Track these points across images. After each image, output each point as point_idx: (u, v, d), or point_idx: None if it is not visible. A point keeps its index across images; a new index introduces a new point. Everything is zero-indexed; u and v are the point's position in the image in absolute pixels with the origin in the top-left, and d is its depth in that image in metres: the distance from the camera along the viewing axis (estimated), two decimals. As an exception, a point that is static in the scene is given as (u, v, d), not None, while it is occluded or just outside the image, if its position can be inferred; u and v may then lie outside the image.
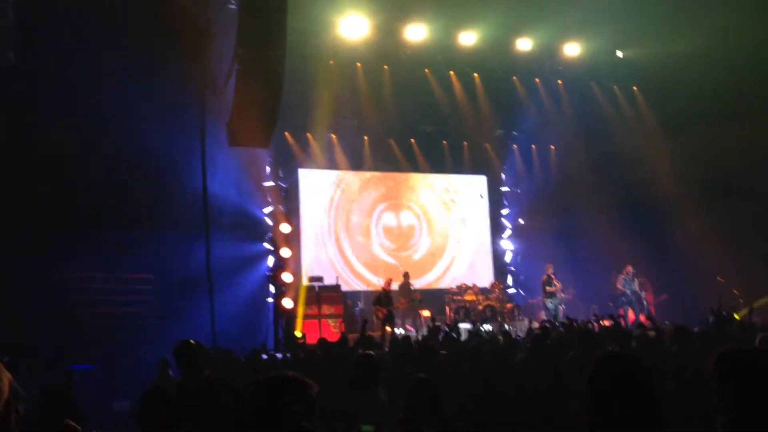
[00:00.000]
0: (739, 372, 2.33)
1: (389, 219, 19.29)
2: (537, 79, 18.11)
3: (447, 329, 10.35)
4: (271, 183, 17.31)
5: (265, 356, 8.58)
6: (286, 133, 17.30)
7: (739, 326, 8.47)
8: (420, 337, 11.78)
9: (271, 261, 15.66)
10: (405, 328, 15.37)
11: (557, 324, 11.74)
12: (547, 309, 15.91)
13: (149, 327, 12.37)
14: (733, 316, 9.92)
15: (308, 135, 17.88)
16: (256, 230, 16.25)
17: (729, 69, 15.02)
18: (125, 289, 12.89)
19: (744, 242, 15.39)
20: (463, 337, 11.05)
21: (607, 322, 11.21)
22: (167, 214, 12.82)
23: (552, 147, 20.35)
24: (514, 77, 18.01)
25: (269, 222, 16.36)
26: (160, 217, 12.95)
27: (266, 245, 15.99)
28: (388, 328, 13.99)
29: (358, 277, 18.32)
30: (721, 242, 15.39)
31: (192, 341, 4.36)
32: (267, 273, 15.40)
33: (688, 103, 15.78)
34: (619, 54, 17.51)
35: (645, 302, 15.59)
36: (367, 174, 19.24)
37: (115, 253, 12.39)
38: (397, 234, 19.30)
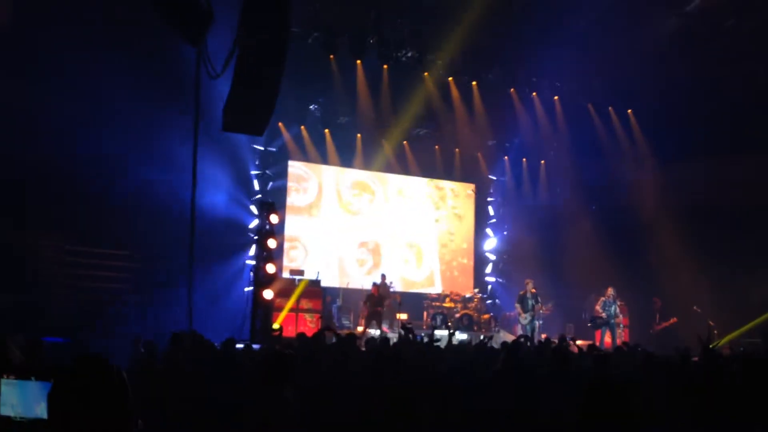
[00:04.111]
0: None
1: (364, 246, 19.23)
2: (534, 93, 18.15)
3: (421, 335, 10.34)
4: (258, 172, 17.25)
5: (240, 345, 8.47)
6: (280, 124, 17.20)
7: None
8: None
9: (253, 250, 15.56)
10: (381, 330, 15.31)
11: (532, 340, 11.71)
12: (522, 324, 15.83)
13: (127, 304, 12.31)
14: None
15: (302, 128, 17.80)
16: (241, 218, 16.30)
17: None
18: (103, 264, 12.81)
19: (718, 274, 15.49)
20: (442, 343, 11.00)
21: (583, 343, 11.19)
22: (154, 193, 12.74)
23: (542, 162, 20.41)
24: (512, 89, 18.05)
25: (254, 210, 16.26)
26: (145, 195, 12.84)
27: (251, 234, 15.90)
28: (360, 329, 14.07)
29: (341, 274, 18.26)
30: (697, 273, 15.50)
31: None
32: (250, 262, 15.29)
33: (681, 133, 15.89)
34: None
35: (622, 326, 15.57)
36: (357, 172, 19.19)
37: (95, 226, 12.33)
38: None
